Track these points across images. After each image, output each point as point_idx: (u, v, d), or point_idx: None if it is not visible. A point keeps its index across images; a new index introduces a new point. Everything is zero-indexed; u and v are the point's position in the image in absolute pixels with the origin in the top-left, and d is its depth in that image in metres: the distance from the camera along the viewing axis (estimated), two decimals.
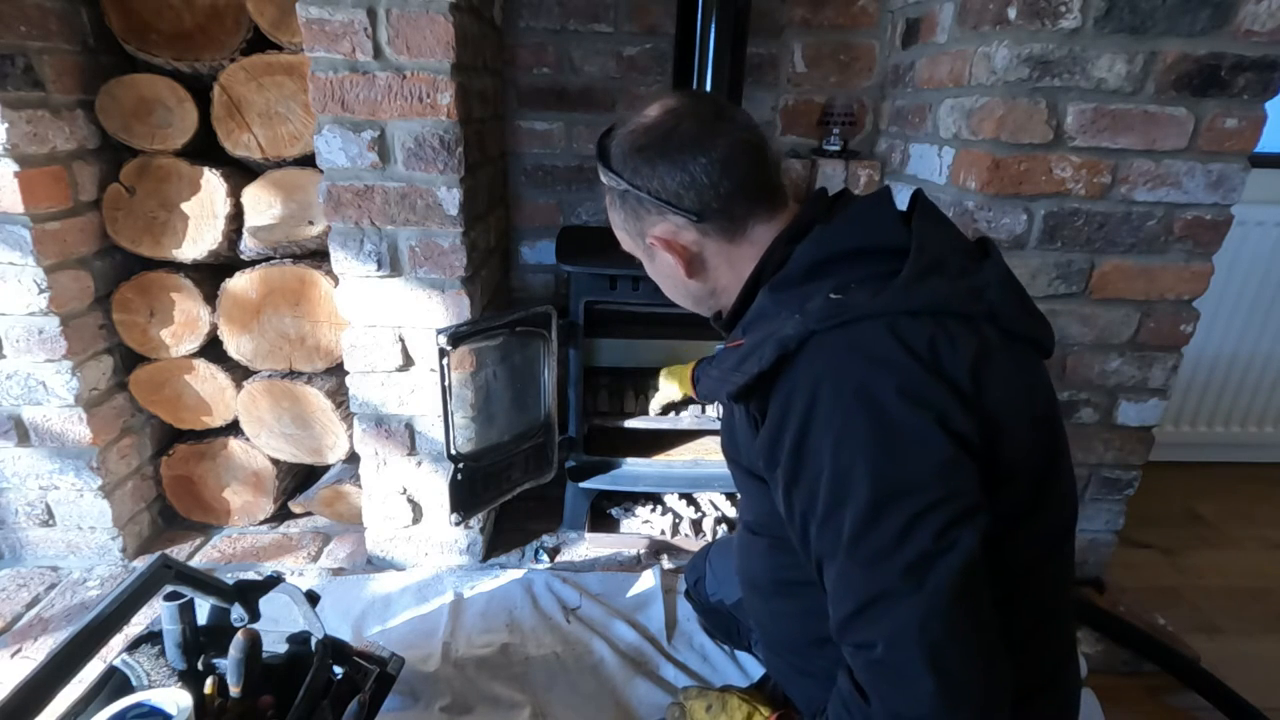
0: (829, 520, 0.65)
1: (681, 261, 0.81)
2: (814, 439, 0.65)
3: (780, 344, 0.67)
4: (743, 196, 0.77)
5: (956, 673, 0.60)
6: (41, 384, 1.38)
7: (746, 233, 0.79)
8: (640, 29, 1.66)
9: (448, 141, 1.20)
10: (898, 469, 0.62)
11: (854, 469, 0.62)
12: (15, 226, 1.27)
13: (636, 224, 0.82)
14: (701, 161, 0.75)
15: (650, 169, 0.77)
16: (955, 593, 0.60)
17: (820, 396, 0.65)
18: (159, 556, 0.93)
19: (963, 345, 0.65)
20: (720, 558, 1.26)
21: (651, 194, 0.78)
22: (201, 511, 1.64)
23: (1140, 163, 1.19)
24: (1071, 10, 1.09)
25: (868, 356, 0.64)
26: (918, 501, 0.61)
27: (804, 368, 0.67)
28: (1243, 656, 1.38)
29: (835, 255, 0.73)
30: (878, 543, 0.62)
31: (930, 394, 0.62)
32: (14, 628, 1.35)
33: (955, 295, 0.68)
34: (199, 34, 1.33)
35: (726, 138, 0.76)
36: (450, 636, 1.32)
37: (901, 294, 0.66)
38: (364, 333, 1.34)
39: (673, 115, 0.78)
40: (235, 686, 0.93)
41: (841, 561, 0.64)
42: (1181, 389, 2.01)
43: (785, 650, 0.91)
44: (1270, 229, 1.85)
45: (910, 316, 0.65)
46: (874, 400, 0.63)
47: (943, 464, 0.61)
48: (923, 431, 0.62)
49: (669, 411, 1.64)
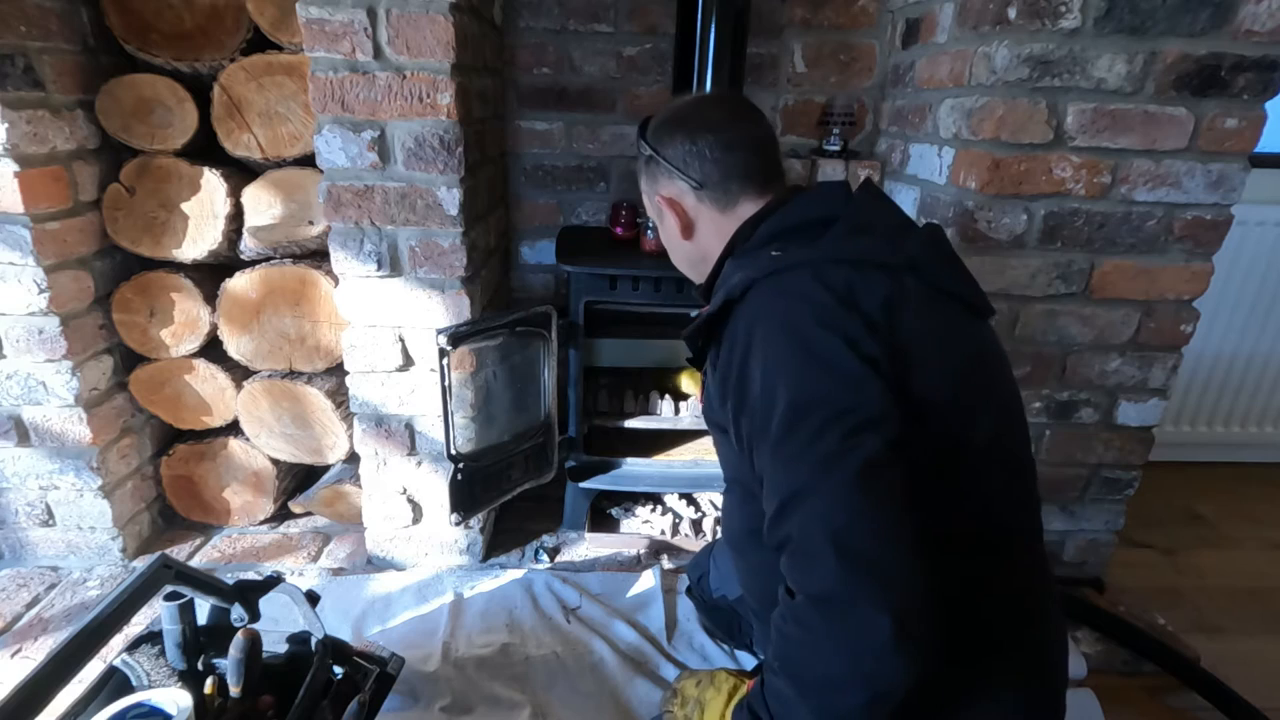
0: (763, 434, 0.74)
1: (679, 222, 0.94)
2: (751, 366, 0.76)
3: (727, 291, 0.81)
4: (739, 175, 0.90)
5: (858, 550, 0.65)
6: (41, 384, 1.38)
7: (735, 208, 0.91)
8: (640, 29, 1.66)
9: (448, 141, 1.20)
10: (812, 382, 0.71)
11: (778, 385, 0.72)
12: (15, 226, 1.27)
13: (653, 185, 0.97)
14: (710, 139, 0.89)
15: (670, 138, 0.92)
16: (858, 485, 0.67)
17: (755, 330, 0.77)
18: (159, 556, 0.93)
19: (877, 287, 0.76)
20: (725, 555, 1.26)
21: (665, 159, 0.92)
22: (201, 511, 1.64)
23: (1140, 163, 1.19)
24: (1071, 10, 1.09)
25: (794, 294, 0.76)
26: (828, 409, 0.70)
27: (745, 310, 0.80)
28: (1243, 656, 1.38)
29: (789, 227, 0.86)
30: (794, 444, 0.70)
31: (842, 321, 0.73)
32: (14, 628, 1.35)
33: (875, 249, 0.80)
34: (199, 34, 1.33)
35: (738, 127, 0.91)
36: (450, 636, 1.32)
37: (827, 246, 0.80)
38: (364, 333, 1.34)
39: (701, 101, 0.97)
40: (235, 686, 0.93)
41: (769, 467, 0.73)
42: (1181, 389, 2.01)
43: (761, 605, 0.97)
44: (1270, 229, 1.85)
45: (833, 264, 0.77)
46: (795, 327, 0.74)
47: (850, 378, 0.71)
48: (833, 350, 0.72)
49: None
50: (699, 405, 1.64)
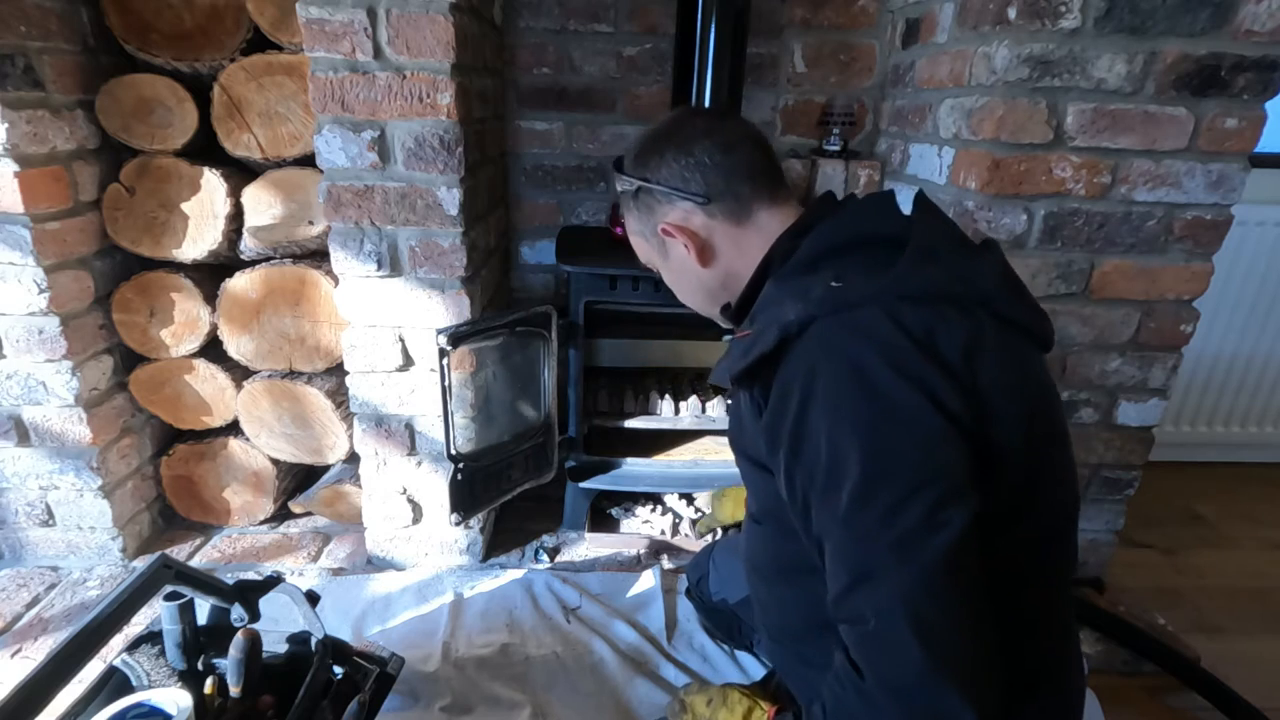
0: (827, 497, 0.66)
1: (694, 248, 0.84)
2: (813, 418, 0.67)
3: (783, 328, 0.70)
4: (746, 176, 0.82)
5: (943, 643, 0.61)
6: (41, 384, 1.38)
7: (752, 216, 0.83)
8: (640, 29, 1.66)
9: (448, 141, 1.20)
10: (890, 445, 0.64)
11: (849, 446, 0.64)
12: (15, 226, 1.27)
13: (650, 219, 0.87)
14: (705, 144, 0.82)
15: (659, 159, 0.83)
16: (943, 568, 0.61)
17: (819, 377, 0.67)
18: (159, 556, 0.93)
19: (956, 328, 0.67)
20: (724, 556, 1.26)
21: (660, 183, 0.83)
22: (201, 511, 1.64)
23: (1140, 163, 1.19)
24: (1071, 10, 1.09)
25: (865, 338, 0.67)
26: (910, 479, 0.62)
27: (804, 351, 0.69)
28: (1243, 656, 1.38)
29: (838, 245, 0.77)
30: (870, 518, 0.63)
31: (923, 372, 0.64)
32: (14, 628, 1.35)
33: (949, 281, 0.71)
34: (199, 34, 1.33)
35: (730, 129, 0.84)
36: (450, 636, 1.32)
37: (898, 280, 0.70)
38: (364, 333, 1.34)
39: (676, 117, 0.87)
40: (235, 686, 0.93)
41: (837, 537, 0.66)
42: (1181, 389, 2.01)
43: (788, 639, 0.92)
44: (1270, 229, 1.85)
45: (906, 301, 0.68)
46: (868, 379, 0.65)
47: (934, 440, 0.63)
48: (915, 408, 0.64)
49: (709, 534, 1.61)
50: (699, 406, 1.65)
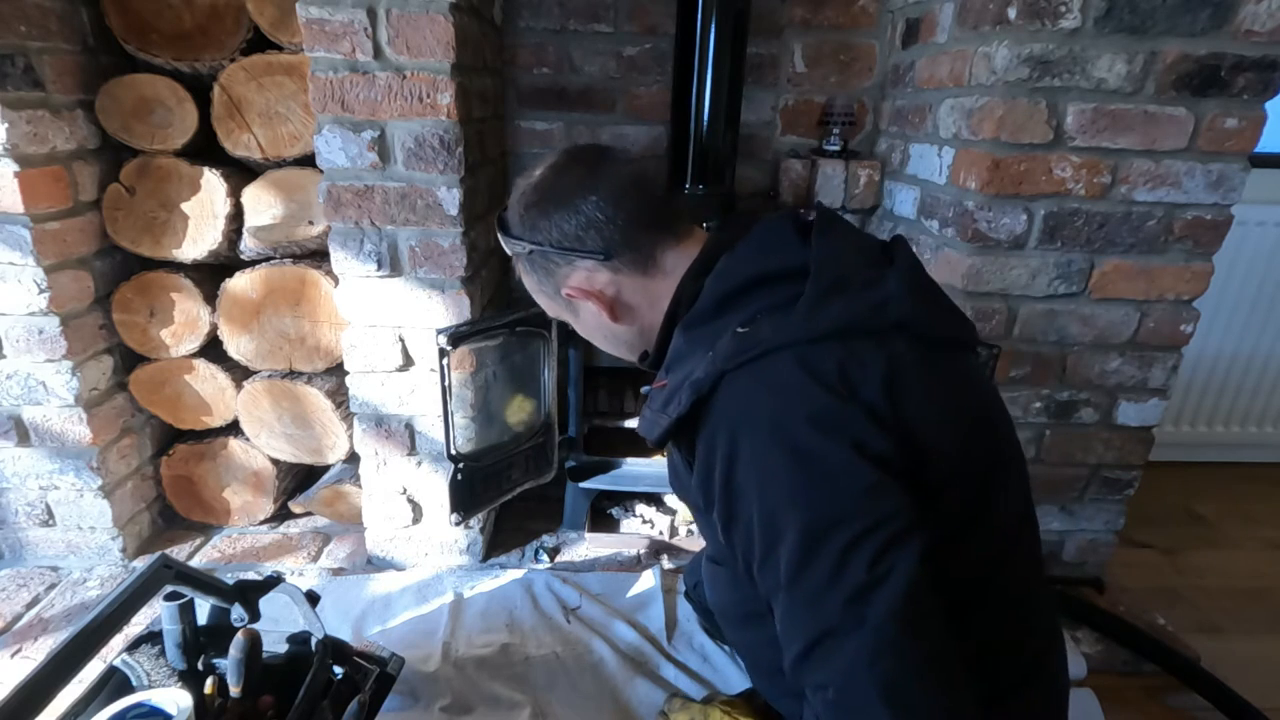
0: (767, 561, 0.64)
1: (604, 307, 0.80)
2: (739, 481, 0.65)
3: (694, 388, 0.68)
4: (642, 225, 0.78)
5: (915, 706, 0.58)
6: (41, 384, 1.38)
7: (658, 262, 0.79)
8: (640, 29, 1.66)
9: (448, 141, 1.20)
10: (821, 502, 0.61)
11: (780, 508, 0.62)
12: (15, 226, 1.27)
13: (551, 281, 0.83)
14: (592, 199, 0.77)
15: (546, 221, 0.78)
16: (901, 622, 0.58)
17: (739, 438, 0.65)
18: (159, 556, 0.93)
19: (872, 365, 0.64)
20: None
21: (554, 245, 0.78)
22: (201, 511, 1.64)
23: (1140, 163, 1.19)
24: (1071, 10, 1.09)
25: (776, 391, 0.64)
26: (846, 533, 0.60)
27: (720, 410, 0.67)
28: (1243, 656, 1.38)
29: (740, 285, 0.73)
30: (814, 580, 0.61)
31: (843, 421, 0.62)
32: (14, 628, 1.35)
33: (858, 314, 0.67)
34: (199, 34, 1.33)
35: (609, 174, 0.78)
36: (450, 636, 1.32)
37: (803, 322, 0.66)
38: (364, 333, 1.34)
39: (553, 170, 0.81)
40: (235, 686, 0.93)
41: (784, 601, 0.64)
42: (1181, 389, 2.01)
43: (764, 674, 0.93)
44: (1270, 229, 1.85)
45: (815, 344, 0.65)
46: (788, 436, 0.62)
47: (865, 491, 0.61)
48: (840, 461, 0.61)
49: None
50: None
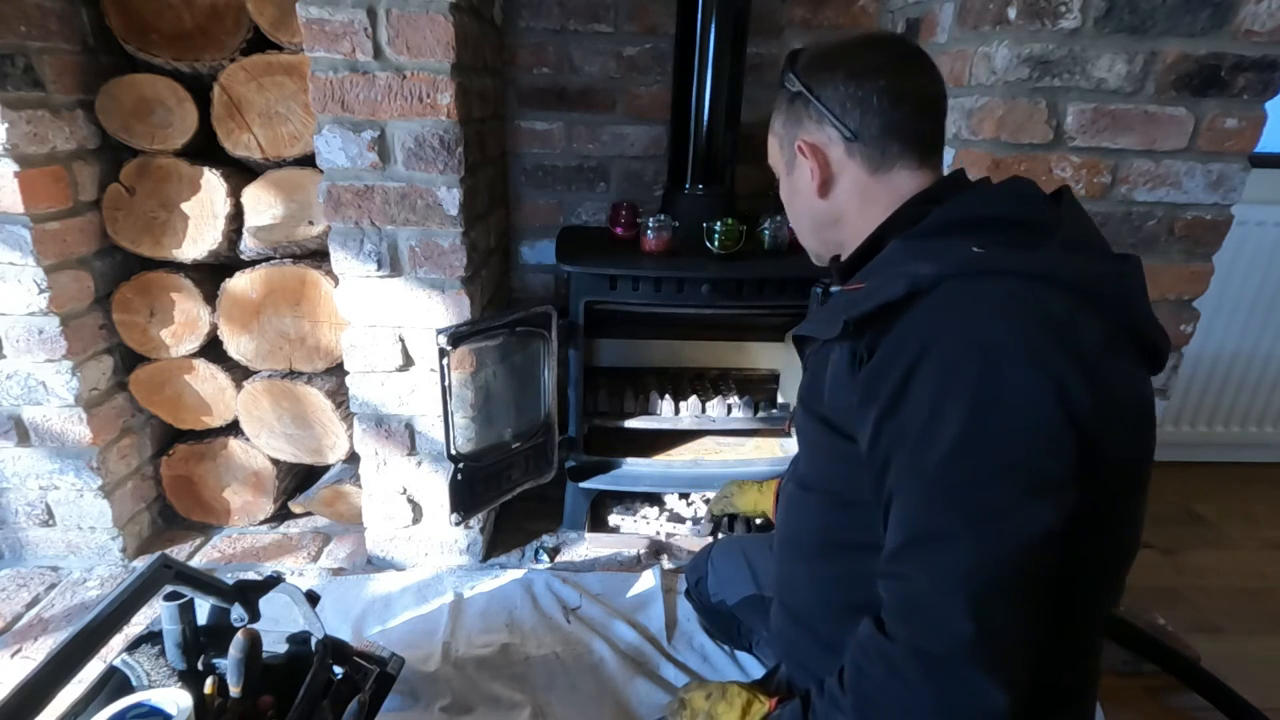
0: (915, 455, 0.63)
1: (818, 175, 0.81)
2: (921, 377, 0.63)
3: (912, 279, 0.65)
4: (900, 134, 0.77)
5: (998, 630, 0.58)
6: (41, 384, 1.38)
7: (889, 172, 0.78)
8: (640, 29, 1.66)
9: (448, 141, 1.20)
10: (999, 425, 0.60)
11: (955, 412, 0.60)
12: (15, 226, 1.27)
13: (793, 128, 0.83)
14: (879, 84, 0.76)
15: (829, 76, 0.78)
16: (1018, 560, 0.58)
17: (941, 338, 0.63)
18: (159, 556, 0.93)
19: (1097, 324, 0.63)
20: (723, 558, 1.26)
21: (820, 100, 0.78)
22: (201, 511, 1.64)
23: (1140, 163, 1.19)
24: (1071, 10, 1.09)
25: (1002, 310, 0.62)
26: (1009, 458, 0.59)
27: (931, 308, 0.65)
28: (1243, 656, 1.38)
29: (978, 218, 0.72)
30: (955, 485, 0.60)
31: (1055, 359, 0.60)
32: (14, 628, 1.35)
33: (1099, 277, 0.66)
34: (199, 34, 1.33)
35: (910, 77, 0.77)
36: (450, 636, 1.32)
37: (1048, 260, 0.65)
38: (364, 333, 1.34)
39: (868, 39, 0.82)
40: (235, 686, 0.93)
41: (914, 492, 0.63)
42: (1181, 389, 2.01)
43: (812, 618, 0.89)
44: (1270, 229, 1.85)
45: (1052, 284, 0.63)
46: (995, 353, 0.60)
47: (1047, 434, 0.59)
48: (1037, 397, 0.59)
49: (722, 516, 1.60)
50: (699, 405, 1.65)
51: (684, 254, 1.48)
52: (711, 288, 1.44)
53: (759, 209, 1.57)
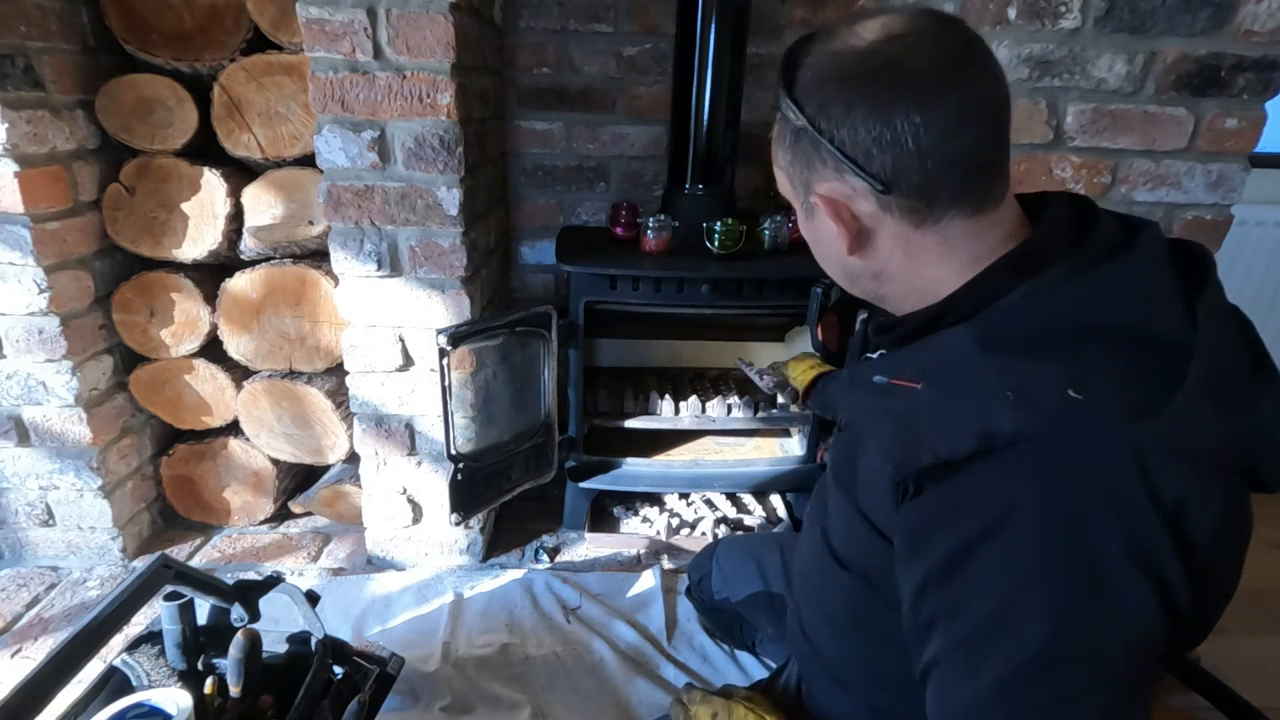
0: (970, 646, 0.54)
1: (846, 234, 0.62)
2: (990, 559, 0.53)
3: (985, 434, 0.53)
4: (951, 177, 0.57)
5: None
6: (41, 384, 1.38)
7: (940, 224, 0.60)
8: (640, 29, 1.66)
9: (448, 141, 1.20)
10: (1089, 631, 0.51)
11: (1032, 615, 0.51)
12: (15, 226, 1.27)
13: (804, 172, 0.64)
14: (915, 120, 0.55)
15: (844, 109, 0.57)
16: None
17: (1018, 516, 0.52)
18: (159, 556, 0.93)
19: (1213, 507, 0.52)
20: (728, 556, 1.25)
21: (835, 143, 0.58)
22: (201, 511, 1.64)
23: (1140, 163, 1.19)
24: (1071, 10, 1.09)
25: (1101, 491, 0.50)
26: (1094, 674, 0.50)
27: (1005, 474, 0.53)
28: (1243, 656, 1.37)
29: (1084, 328, 0.55)
30: (1031, 701, 0.52)
31: (1161, 558, 0.50)
32: (14, 628, 1.35)
33: (1230, 440, 0.54)
34: (199, 34, 1.33)
35: (959, 91, 0.56)
36: (450, 636, 1.32)
37: (1170, 425, 0.51)
38: (364, 333, 1.34)
39: (895, 43, 0.57)
40: (235, 686, 0.93)
41: (977, 694, 0.54)
42: None
43: (835, 666, 0.85)
44: (1270, 229, 1.85)
45: (1168, 457, 0.50)
46: (1089, 545, 0.50)
47: (1143, 637, 0.51)
48: (1137, 599, 0.50)
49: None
50: (699, 406, 1.64)
51: (684, 254, 1.48)
52: (711, 288, 1.44)
53: (759, 209, 1.57)
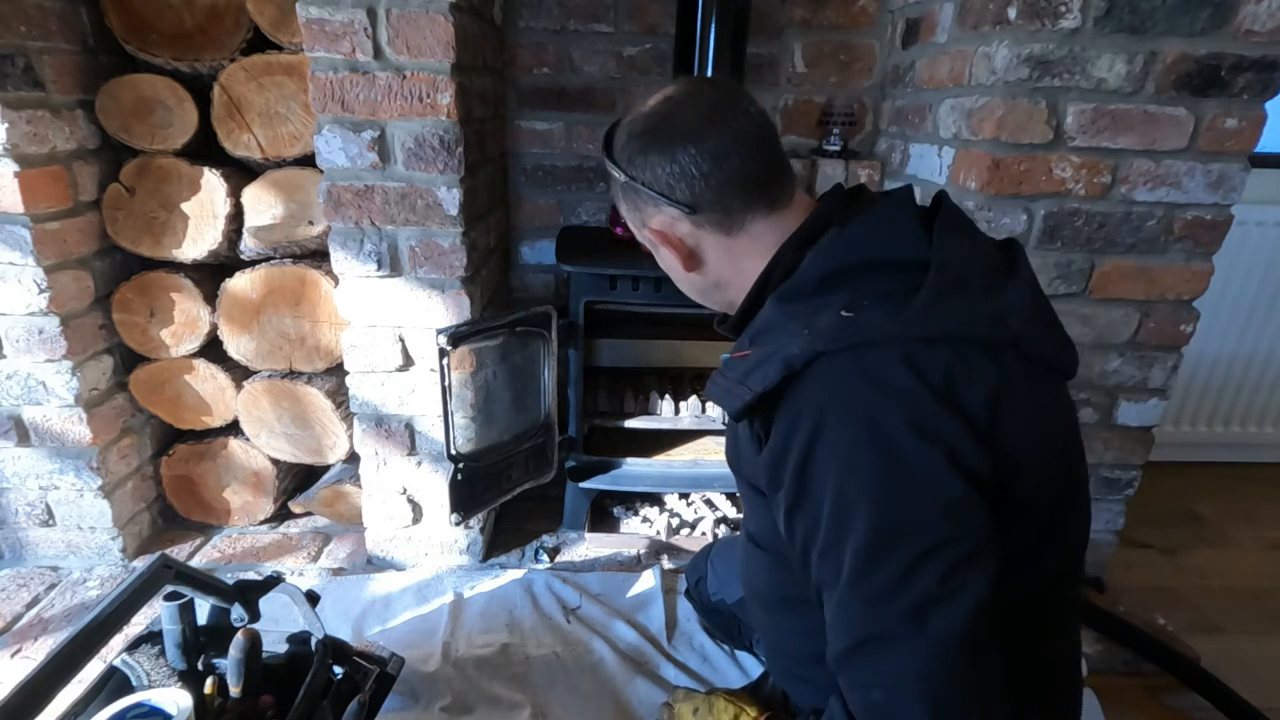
0: (830, 551, 0.62)
1: (679, 255, 0.79)
2: (817, 467, 0.62)
3: (786, 363, 0.64)
4: (737, 189, 0.74)
5: (960, 709, 0.58)
6: (41, 384, 1.38)
7: (745, 227, 0.76)
8: (640, 29, 1.66)
9: (448, 141, 1.20)
10: (903, 506, 0.59)
11: (857, 503, 0.60)
12: (15, 226, 1.27)
13: (638, 215, 0.81)
14: (690, 152, 0.73)
15: (644, 159, 0.76)
16: (962, 640, 0.57)
17: (826, 424, 0.62)
18: (159, 556, 0.93)
19: (980, 376, 0.61)
20: (722, 557, 1.26)
21: (645, 185, 0.76)
22: (201, 511, 1.64)
23: (1140, 163, 1.19)
24: (1071, 10, 1.09)
25: (878, 385, 0.61)
26: (923, 540, 0.58)
27: (810, 390, 0.64)
28: (1243, 656, 1.37)
29: (849, 267, 0.69)
30: (879, 581, 0.59)
31: (942, 428, 0.59)
32: (14, 628, 1.35)
33: (977, 320, 0.64)
34: (199, 34, 1.33)
35: (723, 127, 0.73)
36: (450, 636, 1.32)
37: (918, 317, 0.62)
38: (364, 333, 1.34)
39: (669, 103, 0.77)
40: (235, 686, 0.93)
41: (841, 594, 0.62)
42: (1181, 389, 2.01)
43: (787, 659, 0.91)
44: (1270, 229, 1.85)
45: (926, 343, 0.62)
46: (882, 433, 0.59)
47: (951, 502, 0.59)
48: (932, 468, 0.59)
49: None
50: (699, 406, 1.64)
51: None
52: None
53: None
